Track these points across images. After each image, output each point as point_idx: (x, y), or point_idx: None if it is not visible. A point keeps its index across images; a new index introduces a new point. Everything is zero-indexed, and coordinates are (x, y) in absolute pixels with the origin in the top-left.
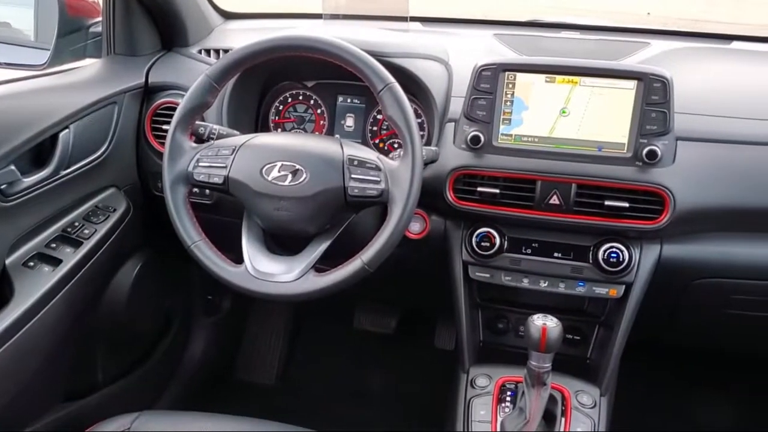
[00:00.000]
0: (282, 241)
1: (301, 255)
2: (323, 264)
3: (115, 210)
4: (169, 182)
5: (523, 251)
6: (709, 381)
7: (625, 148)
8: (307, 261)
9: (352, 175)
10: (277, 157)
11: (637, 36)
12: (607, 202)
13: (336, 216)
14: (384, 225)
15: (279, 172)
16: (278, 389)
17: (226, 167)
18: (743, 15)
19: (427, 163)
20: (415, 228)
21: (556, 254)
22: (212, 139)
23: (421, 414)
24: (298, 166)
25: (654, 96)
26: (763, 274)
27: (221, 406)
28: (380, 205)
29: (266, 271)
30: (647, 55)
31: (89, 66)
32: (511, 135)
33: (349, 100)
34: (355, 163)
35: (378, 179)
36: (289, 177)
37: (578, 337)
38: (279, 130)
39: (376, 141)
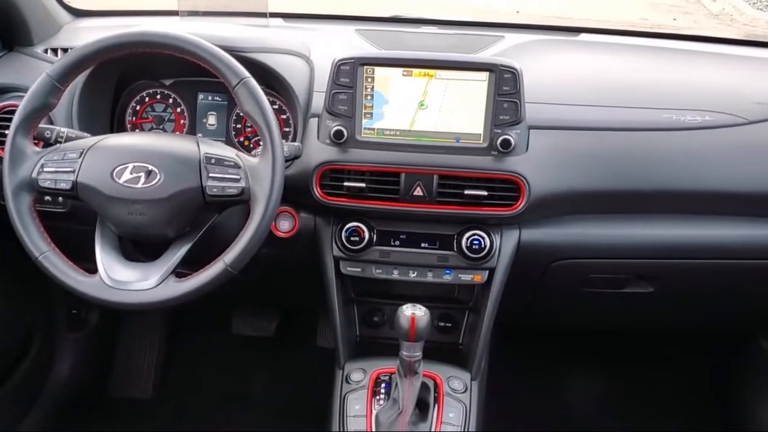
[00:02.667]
0: (143, 247)
1: (159, 260)
2: (187, 268)
3: None
4: (11, 190)
5: (392, 243)
6: (577, 358)
7: (481, 139)
8: (167, 266)
9: (210, 174)
10: (128, 159)
11: (492, 30)
12: (466, 191)
13: (196, 218)
14: (246, 224)
15: (131, 174)
16: (156, 402)
17: (73, 171)
18: (609, 13)
19: (289, 159)
20: (284, 226)
21: (423, 244)
22: (60, 142)
23: (305, 415)
24: (151, 167)
25: (505, 87)
26: (614, 252)
27: (94, 425)
28: (242, 204)
29: (122, 279)
30: (501, 48)
31: None
32: (373, 129)
33: (210, 98)
34: (213, 161)
35: (238, 177)
36: (143, 179)
37: (450, 324)
38: (137, 131)
39: (241, 139)
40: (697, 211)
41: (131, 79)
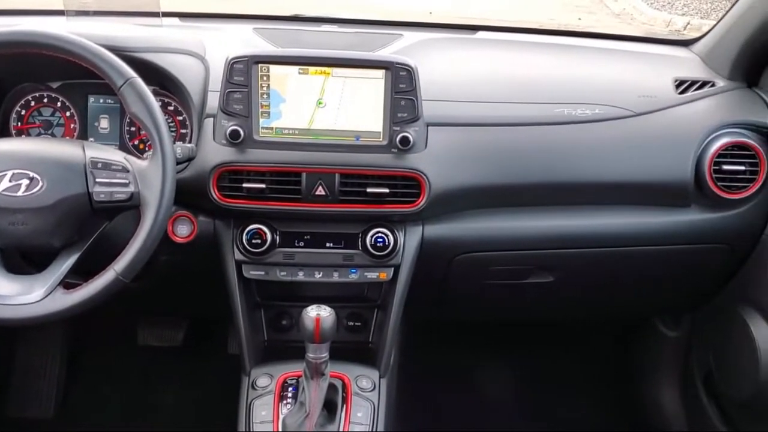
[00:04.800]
0: (31, 259)
1: (45, 272)
2: (82, 279)
3: None
4: None
5: (296, 245)
6: (490, 350)
7: (381, 137)
8: (53, 278)
9: (97, 179)
10: (7, 166)
11: (392, 28)
12: (369, 190)
13: (84, 225)
14: (137, 230)
15: (11, 181)
16: (59, 421)
17: None
18: (520, 13)
19: (183, 161)
20: (182, 231)
21: (327, 244)
22: None
23: (216, 425)
24: (32, 174)
25: (401, 84)
26: (514, 245)
27: None
28: (132, 209)
29: (3, 293)
30: (399, 46)
31: None
32: (271, 128)
33: (101, 101)
34: (99, 165)
35: (126, 182)
36: (24, 186)
37: (359, 323)
38: (23, 136)
39: (135, 142)
40: (591, 201)
41: (14, 82)
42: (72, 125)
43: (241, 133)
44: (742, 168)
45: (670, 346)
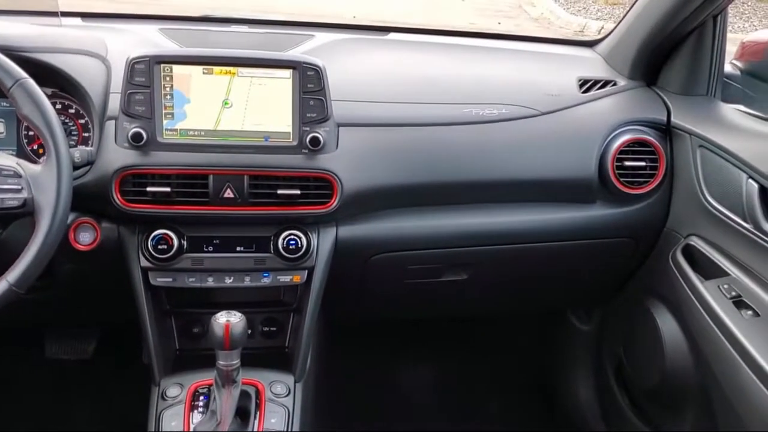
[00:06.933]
0: None
1: None
2: None
3: None
4: None
5: (205, 249)
6: (410, 349)
7: (291, 137)
8: None
9: None
10: None
11: (303, 29)
12: (280, 191)
13: None
14: (31, 238)
15: None
16: None
17: None
18: (442, 19)
19: (81, 165)
20: (85, 239)
21: (238, 248)
22: None
23: None
24: None
25: (309, 84)
26: (427, 243)
27: None
28: (26, 216)
29: None
30: (310, 47)
31: None
32: (176, 130)
33: None
34: None
35: (18, 187)
36: None
37: (275, 328)
38: None
39: (34, 147)
40: (500, 199)
41: None
42: None
43: (144, 135)
44: (643, 164)
45: (583, 340)
